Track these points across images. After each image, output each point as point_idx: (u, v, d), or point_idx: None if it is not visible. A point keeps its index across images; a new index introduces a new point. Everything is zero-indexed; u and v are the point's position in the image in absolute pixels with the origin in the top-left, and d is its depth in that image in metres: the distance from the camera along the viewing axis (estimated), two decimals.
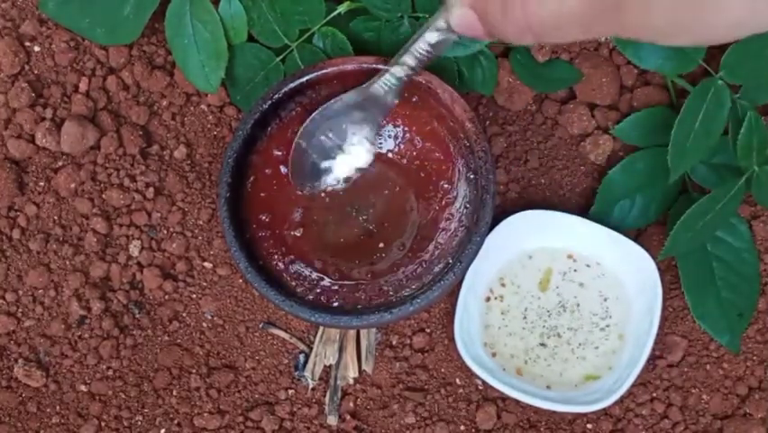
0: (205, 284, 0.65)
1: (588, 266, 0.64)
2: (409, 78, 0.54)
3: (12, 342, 0.64)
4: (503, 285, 0.64)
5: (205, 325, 0.65)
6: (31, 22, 0.66)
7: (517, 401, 0.63)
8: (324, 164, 0.59)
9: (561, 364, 0.63)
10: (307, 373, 0.64)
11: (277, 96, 0.58)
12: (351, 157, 0.59)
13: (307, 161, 0.59)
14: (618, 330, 0.63)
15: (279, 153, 0.60)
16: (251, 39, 0.63)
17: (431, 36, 0.50)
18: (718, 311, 0.63)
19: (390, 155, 0.61)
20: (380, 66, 0.58)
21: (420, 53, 0.51)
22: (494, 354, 0.63)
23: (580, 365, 0.62)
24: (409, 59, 0.52)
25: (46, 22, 0.67)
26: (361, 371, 0.64)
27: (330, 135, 0.58)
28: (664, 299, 0.62)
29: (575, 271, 0.64)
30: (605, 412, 0.63)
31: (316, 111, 0.58)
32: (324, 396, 0.64)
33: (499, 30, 0.41)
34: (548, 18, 0.38)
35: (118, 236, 0.65)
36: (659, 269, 0.61)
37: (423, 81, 0.58)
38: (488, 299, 0.64)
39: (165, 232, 0.65)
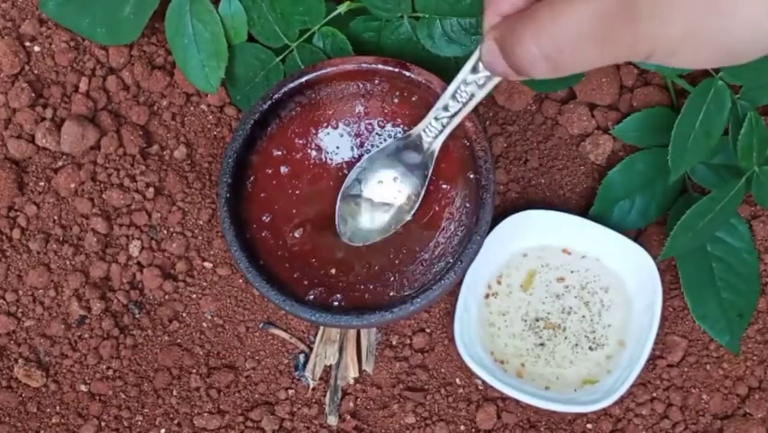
0: (205, 284, 0.65)
1: (587, 266, 0.64)
2: (449, 123, 0.53)
3: (12, 342, 0.64)
4: (502, 284, 0.64)
5: (205, 325, 0.65)
6: (31, 22, 0.66)
7: (517, 401, 0.63)
8: (369, 215, 0.58)
9: (560, 364, 0.63)
10: (307, 373, 0.64)
11: (277, 95, 0.58)
12: (396, 208, 0.58)
13: (354, 212, 0.58)
14: (618, 335, 0.63)
15: (279, 153, 0.60)
16: (251, 39, 0.63)
17: (465, 74, 0.48)
18: (718, 312, 0.63)
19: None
20: (380, 66, 0.58)
21: (461, 94, 0.50)
22: (494, 354, 0.63)
23: (580, 366, 0.62)
24: (450, 102, 0.51)
25: (46, 22, 0.67)
26: (361, 371, 0.64)
27: (376, 186, 0.58)
28: (664, 299, 0.62)
29: (574, 271, 0.64)
30: (605, 412, 0.63)
31: (361, 161, 0.58)
32: (324, 396, 0.64)
33: (516, 62, 0.40)
34: (562, 44, 0.37)
35: (118, 236, 0.65)
36: (659, 269, 0.61)
37: (423, 81, 0.58)
38: (486, 296, 0.64)
39: (165, 232, 0.65)
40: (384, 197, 0.58)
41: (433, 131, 0.55)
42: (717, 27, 0.35)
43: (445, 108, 0.53)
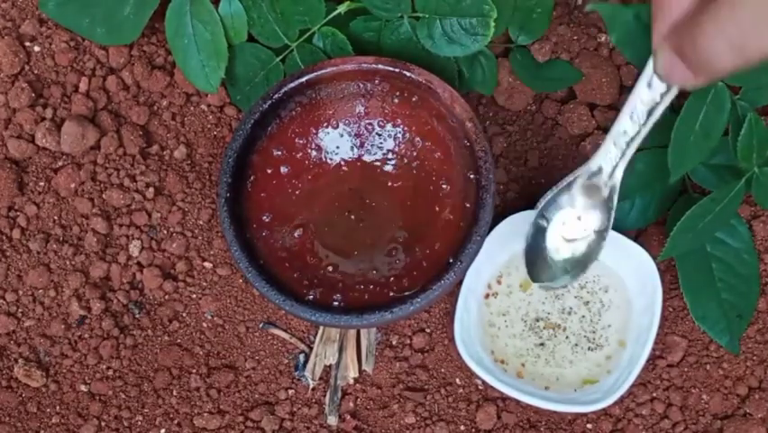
0: (205, 284, 0.65)
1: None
2: (633, 148, 0.51)
3: (12, 342, 0.64)
4: (501, 284, 0.64)
5: (205, 325, 0.65)
6: (31, 22, 0.66)
7: (517, 401, 0.63)
8: (561, 257, 0.57)
9: (560, 364, 0.63)
10: (307, 373, 0.64)
11: (277, 95, 0.59)
12: (585, 246, 0.56)
13: (544, 258, 0.57)
14: (618, 336, 0.63)
15: (280, 153, 0.60)
16: (251, 39, 0.63)
17: (643, 93, 0.47)
18: (718, 312, 0.63)
19: (390, 155, 0.61)
20: (380, 66, 0.58)
21: (637, 114, 0.49)
22: (494, 354, 0.63)
23: (580, 366, 0.62)
24: (628, 125, 0.50)
25: (46, 22, 0.67)
26: (361, 371, 0.64)
27: (561, 227, 0.57)
28: (664, 300, 0.62)
29: None
30: (605, 412, 0.63)
31: (542, 204, 0.56)
32: (324, 396, 0.64)
33: (701, 53, 0.40)
34: (744, 21, 0.37)
35: (118, 236, 0.65)
36: (659, 269, 0.61)
37: (423, 81, 0.58)
38: (486, 296, 0.64)
39: (165, 232, 0.65)
40: (571, 235, 0.57)
41: (612, 159, 0.53)
42: None
43: (623, 132, 0.51)
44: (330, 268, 0.58)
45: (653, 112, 0.49)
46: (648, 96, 0.48)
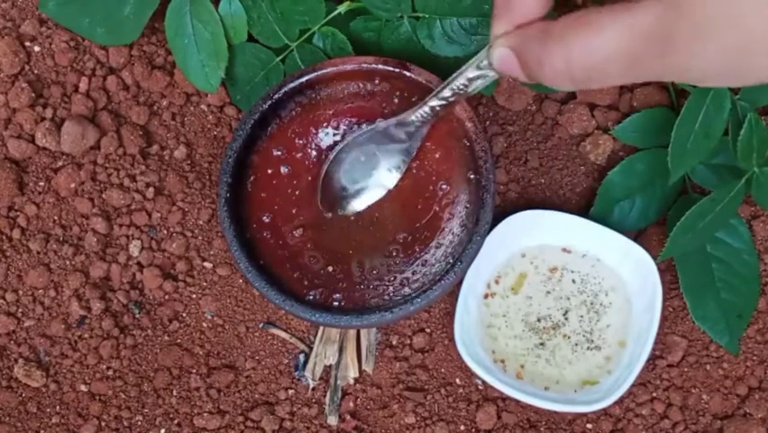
0: (205, 284, 0.65)
1: (587, 266, 0.64)
2: (441, 109, 0.54)
3: (12, 342, 0.64)
4: (500, 284, 0.64)
5: (205, 325, 0.65)
6: (31, 22, 0.66)
7: (517, 401, 0.63)
8: (353, 189, 0.59)
9: (560, 365, 0.63)
10: (307, 373, 0.64)
11: (277, 95, 0.59)
12: (378, 184, 0.59)
13: (337, 187, 0.59)
14: (618, 336, 0.63)
15: (279, 153, 0.60)
16: (251, 39, 0.63)
17: (471, 72, 0.49)
18: (718, 312, 0.63)
19: None
20: (380, 66, 0.58)
21: (458, 87, 0.51)
22: (494, 354, 0.63)
23: (580, 366, 0.62)
24: (446, 92, 0.52)
25: (46, 22, 0.67)
26: (361, 371, 0.64)
27: (361, 161, 0.58)
28: (664, 299, 0.62)
29: (574, 271, 0.64)
30: (605, 412, 0.63)
31: (349, 137, 0.58)
32: (324, 396, 0.64)
33: (538, 75, 0.42)
34: (590, 64, 0.38)
35: (118, 236, 0.65)
36: (659, 269, 0.61)
37: (423, 81, 0.58)
38: (486, 297, 0.64)
39: (165, 232, 0.65)
40: (365, 171, 0.59)
41: (424, 116, 0.55)
42: (749, 65, 0.36)
43: (441, 98, 0.54)
44: (330, 268, 0.58)
45: (473, 88, 0.51)
46: (473, 74, 0.50)
